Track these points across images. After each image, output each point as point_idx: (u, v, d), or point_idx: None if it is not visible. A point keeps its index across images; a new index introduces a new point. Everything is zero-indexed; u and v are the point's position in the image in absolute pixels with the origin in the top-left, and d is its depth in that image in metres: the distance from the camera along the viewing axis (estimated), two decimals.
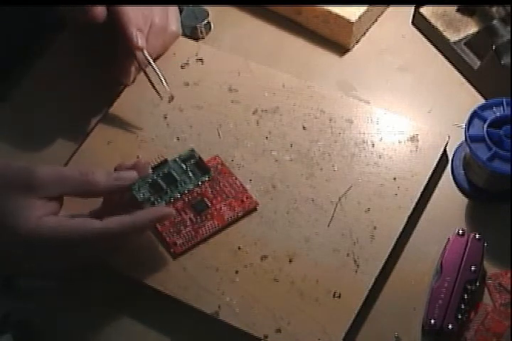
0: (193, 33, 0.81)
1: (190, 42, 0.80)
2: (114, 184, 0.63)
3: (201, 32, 0.81)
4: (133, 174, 0.64)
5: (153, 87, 0.75)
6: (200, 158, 0.67)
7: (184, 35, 0.81)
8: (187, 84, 0.77)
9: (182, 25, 0.80)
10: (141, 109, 0.76)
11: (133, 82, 0.77)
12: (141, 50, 0.72)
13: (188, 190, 0.66)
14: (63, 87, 0.79)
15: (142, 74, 0.76)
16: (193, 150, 0.67)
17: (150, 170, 0.65)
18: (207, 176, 0.67)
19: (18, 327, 0.66)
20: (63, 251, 0.61)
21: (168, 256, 0.68)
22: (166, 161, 0.66)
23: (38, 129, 0.77)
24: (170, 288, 0.67)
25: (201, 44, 0.80)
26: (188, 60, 0.78)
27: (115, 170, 0.65)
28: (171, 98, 0.76)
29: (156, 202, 0.64)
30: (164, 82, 0.73)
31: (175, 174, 0.66)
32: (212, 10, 0.81)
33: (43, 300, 0.69)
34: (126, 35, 0.71)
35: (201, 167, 0.67)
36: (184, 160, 0.67)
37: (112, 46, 0.74)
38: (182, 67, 0.78)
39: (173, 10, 0.77)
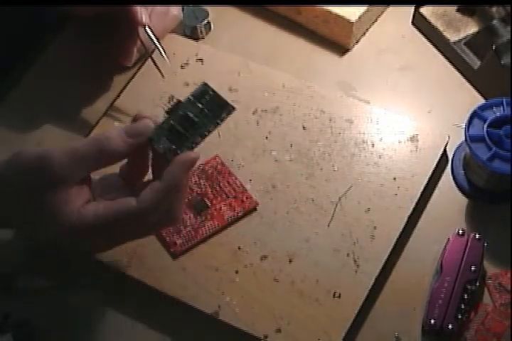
0: (193, 33, 0.81)
1: (190, 42, 0.80)
2: (132, 142, 0.57)
3: (201, 32, 0.81)
4: (148, 124, 0.58)
5: (157, 66, 0.74)
6: (215, 92, 0.59)
7: (184, 35, 0.81)
8: (187, 84, 0.77)
9: (182, 25, 0.80)
10: (141, 109, 0.76)
11: (134, 64, 0.77)
12: (145, 27, 0.72)
13: (209, 131, 0.59)
14: (63, 87, 0.79)
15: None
16: (205, 85, 0.59)
17: (165, 115, 0.59)
18: (226, 112, 0.59)
19: (18, 327, 0.66)
20: (107, 235, 0.59)
21: (168, 256, 0.68)
22: (179, 102, 0.59)
23: (37, 129, 0.77)
24: (170, 288, 0.67)
25: (201, 44, 0.80)
26: (188, 60, 0.78)
27: (133, 120, 0.60)
28: (171, 98, 0.76)
29: (178, 151, 0.58)
30: (167, 60, 0.72)
31: (191, 115, 0.59)
32: (212, 10, 0.81)
33: (43, 300, 0.69)
34: (131, 12, 0.70)
35: (218, 102, 0.59)
36: (198, 98, 0.59)
37: (114, 31, 0.74)
38: (182, 67, 0.78)
39: None
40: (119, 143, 0.57)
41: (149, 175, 0.63)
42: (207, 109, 0.59)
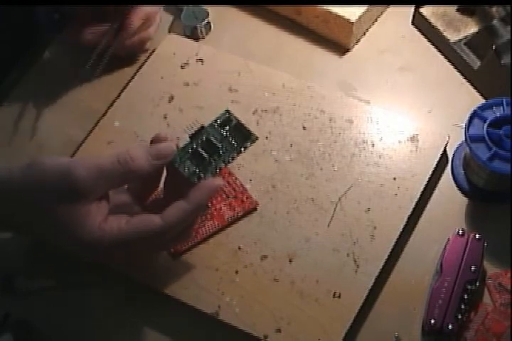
0: (193, 33, 0.81)
1: (190, 42, 0.80)
2: (156, 164, 0.58)
3: (201, 32, 0.81)
4: (172, 147, 0.59)
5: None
6: (238, 120, 0.61)
7: (184, 35, 0.81)
8: (187, 84, 0.77)
9: (182, 25, 0.80)
10: (141, 109, 0.76)
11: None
12: None
13: (232, 158, 0.61)
14: (63, 87, 0.79)
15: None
16: (228, 112, 0.61)
17: (188, 139, 0.60)
18: (249, 141, 0.61)
19: (18, 327, 0.66)
20: (125, 250, 0.60)
21: (168, 256, 0.68)
22: (202, 128, 0.61)
23: (37, 130, 0.77)
24: (170, 288, 0.67)
25: (201, 44, 0.80)
26: (188, 60, 0.78)
27: (151, 142, 0.60)
28: (171, 98, 0.76)
29: (202, 176, 0.59)
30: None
31: (215, 141, 0.60)
32: (212, 10, 0.81)
33: (43, 300, 0.69)
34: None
35: (242, 131, 0.61)
36: (221, 125, 0.61)
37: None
38: (182, 67, 0.78)
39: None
40: (144, 165, 0.58)
41: None
42: (231, 136, 0.61)
